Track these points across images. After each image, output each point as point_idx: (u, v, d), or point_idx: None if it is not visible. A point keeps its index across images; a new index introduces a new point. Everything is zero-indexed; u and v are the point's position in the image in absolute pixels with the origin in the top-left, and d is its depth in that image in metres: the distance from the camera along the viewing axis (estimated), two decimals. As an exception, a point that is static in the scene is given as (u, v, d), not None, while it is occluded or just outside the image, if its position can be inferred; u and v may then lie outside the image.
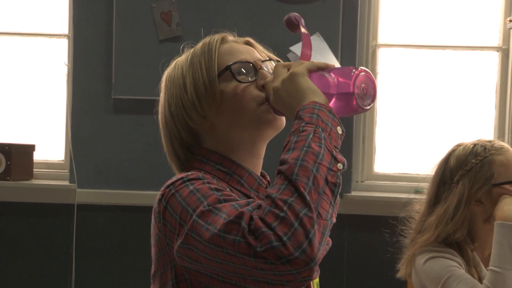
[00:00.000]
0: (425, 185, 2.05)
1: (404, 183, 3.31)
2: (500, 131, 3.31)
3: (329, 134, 1.08)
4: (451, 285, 1.77)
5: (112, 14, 3.27)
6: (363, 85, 1.15)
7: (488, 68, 3.38)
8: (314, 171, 1.02)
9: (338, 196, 1.05)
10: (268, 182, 1.33)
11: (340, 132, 1.11)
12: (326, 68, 1.20)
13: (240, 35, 1.38)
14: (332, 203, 1.03)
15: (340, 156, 1.08)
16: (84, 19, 3.31)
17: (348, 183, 3.26)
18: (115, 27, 3.26)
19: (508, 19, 3.24)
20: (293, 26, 1.27)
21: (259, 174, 1.31)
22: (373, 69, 3.35)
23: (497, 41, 3.37)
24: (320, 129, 1.07)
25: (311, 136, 1.06)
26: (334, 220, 1.04)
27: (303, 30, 1.24)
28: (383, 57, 3.41)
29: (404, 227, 2.04)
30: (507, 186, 1.87)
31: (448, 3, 3.40)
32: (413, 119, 3.42)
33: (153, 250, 1.21)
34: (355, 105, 1.15)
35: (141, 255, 3.20)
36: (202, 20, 3.20)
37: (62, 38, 3.42)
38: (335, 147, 1.08)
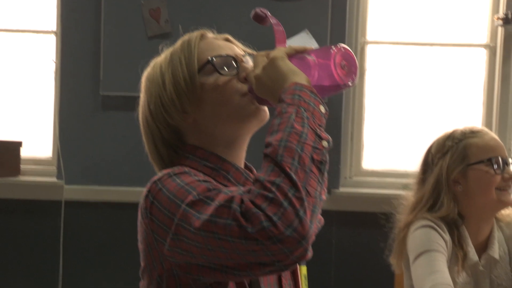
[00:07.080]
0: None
1: (392, 179, 3.31)
2: (487, 128, 3.32)
3: (312, 114, 1.08)
4: (423, 259, 1.81)
5: (100, 10, 3.25)
6: (343, 61, 1.16)
7: (475, 65, 3.40)
8: (299, 150, 1.03)
9: (326, 173, 1.06)
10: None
11: (323, 111, 1.11)
12: (305, 51, 1.20)
13: (229, 32, 1.38)
14: (320, 180, 1.04)
15: (324, 134, 1.08)
16: (72, 16, 3.29)
17: (336, 179, 3.26)
18: (103, 23, 3.25)
19: (496, 16, 3.26)
20: (261, 19, 1.27)
21: (243, 166, 1.32)
22: (362, 66, 3.36)
23: (485, 38, 3.38)
24: (303, 109, 1.08)
25: (293, 116, 1.07)
26: (324, 197, 1.05)
27: (272, 21, 1.25)
28: (371, 54, 3.42)
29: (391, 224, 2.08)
30: (480, 166, 1.92)
31: (437, 1, 3.40)
32: (401, 116, 3.43)
33: (140, 246, 1.20)
34: (337, 83, 1.15)
35: (129, 252, 3.18)
36: (191, 17, 3.19)
37: (50, 35, 3.40)
38: (319, 125, 1.09)
